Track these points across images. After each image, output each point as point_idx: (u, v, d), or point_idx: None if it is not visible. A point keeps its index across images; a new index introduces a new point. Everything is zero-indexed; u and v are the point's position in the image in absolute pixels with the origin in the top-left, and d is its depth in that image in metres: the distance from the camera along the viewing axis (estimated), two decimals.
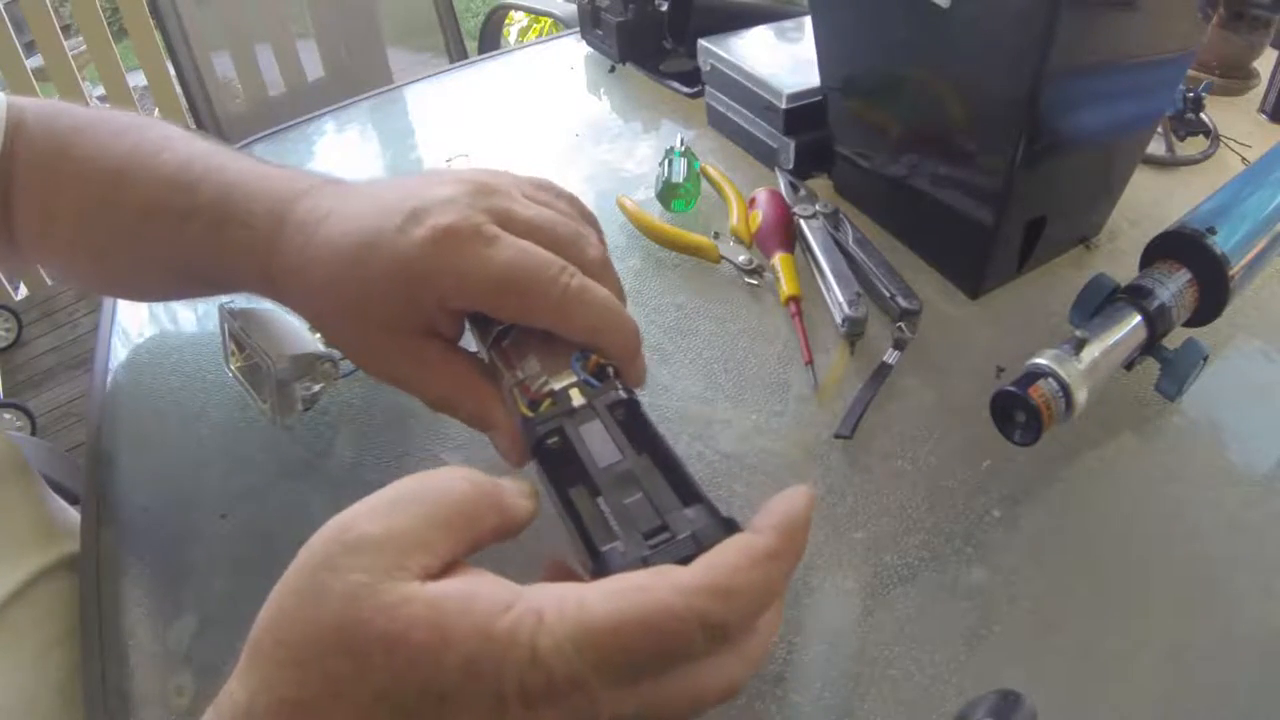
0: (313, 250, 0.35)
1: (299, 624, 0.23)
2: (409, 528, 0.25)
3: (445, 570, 0.25)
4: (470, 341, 0.39)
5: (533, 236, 0.34)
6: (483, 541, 0.27)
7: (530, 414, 0.33)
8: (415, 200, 0.34)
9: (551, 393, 0.34)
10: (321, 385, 0.48)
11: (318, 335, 0.47)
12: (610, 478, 0.31)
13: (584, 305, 0.33)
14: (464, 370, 0.36)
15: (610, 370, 0.35)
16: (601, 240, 0.40)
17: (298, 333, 0.47)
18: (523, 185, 0.38)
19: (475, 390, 0.35)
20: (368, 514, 0.25)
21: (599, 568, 0.28)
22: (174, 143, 0.41)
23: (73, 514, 0.54)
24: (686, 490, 0.30)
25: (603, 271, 0.36)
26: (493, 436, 0.36)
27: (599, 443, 0.32)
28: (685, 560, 0.26)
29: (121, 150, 0.40)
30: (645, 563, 0.27)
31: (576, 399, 0.34)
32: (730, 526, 0.28)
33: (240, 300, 0.48)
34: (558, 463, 0.33)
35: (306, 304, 0.38)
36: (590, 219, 0.40)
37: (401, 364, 0.36)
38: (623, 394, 0.34)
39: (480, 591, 0.23)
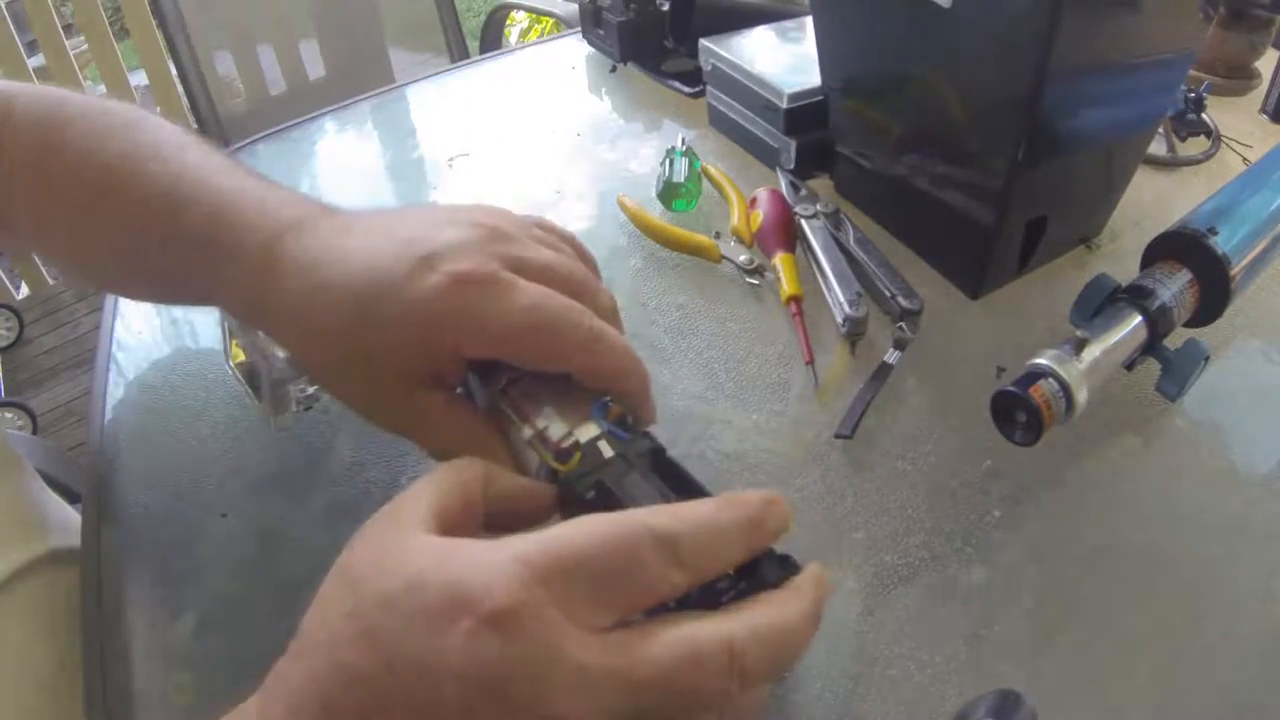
0: (312, 296, 0.33)
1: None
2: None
3: None
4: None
5: (548, 283, 0.33)
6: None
7: (561, 467, 0.33)
8: (425, 245, 0.32)
9: (578, 445, 0.33)
10: (317, 386, 0.48)
11: None
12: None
13: (608, 348, 0.33)
14: (469, 421, 0.34)
15: (629, 419, 0.35)
16: (594, 268, 0.39)
17: None
18: (529, 228, 0.37)
19: (481, 442, 0.34)
20: None
21: (654, 613, 0.28)
22: (164, 150, 0.39)
23: (64, 509, 0.54)
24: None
25: (613, 318, 0.36)
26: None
27: (641, 494, 0.32)
28: (739, 596, 0.26)
29: (111, 154, 0.38)
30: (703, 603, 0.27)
31: (606, 451, 0.34)
32: (786, 564, 0.29)
33: None
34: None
35: (306, 353, 0.35)
36: (591, 263, 0.40)
37: (408, 415, 0.34)
38: (651, 443, 0.34)
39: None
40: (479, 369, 0.37)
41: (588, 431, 0.35)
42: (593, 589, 0.22)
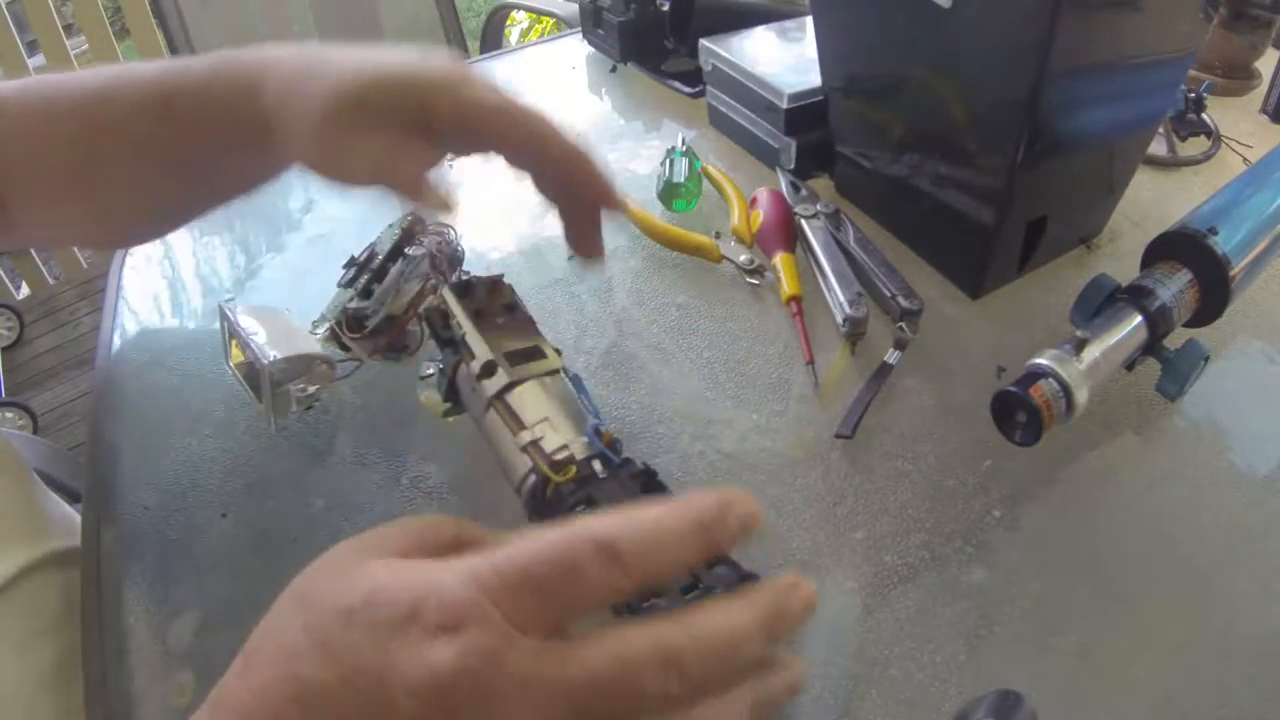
0: (311, 59, 0.38)
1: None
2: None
3: None
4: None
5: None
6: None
7: (556, 476, 0.36)
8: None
9: (574, 458, 0.37)
10: (318, 386, 0.48)
11: (316, 335, 0.47)
12: None
13: (539, 121, 0.39)
14: (399, 140, 0.37)
15: (619, 446, 0.38)
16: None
17: (296, 333, 0.47)
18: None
19: (412, 152, 0.37)
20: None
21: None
22: (135, 66, 0.42)
23: (65, 509, 0.54)
24: None
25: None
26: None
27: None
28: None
29: (105, 75, 0.42)
30: None
31: (599, 470, 0.37)
32: (755, 580, 0.31)
33: (241, 299, 0.48)
34: None
35: (287, 98, 0.38)
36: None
37: (341, 140, 0.36)
38: (640, 465, 0.38)
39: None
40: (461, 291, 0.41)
41: (582, 448, 0.37)
42: (538, 597, 0.23)
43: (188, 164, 0.43)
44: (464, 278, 0.44)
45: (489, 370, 0.40)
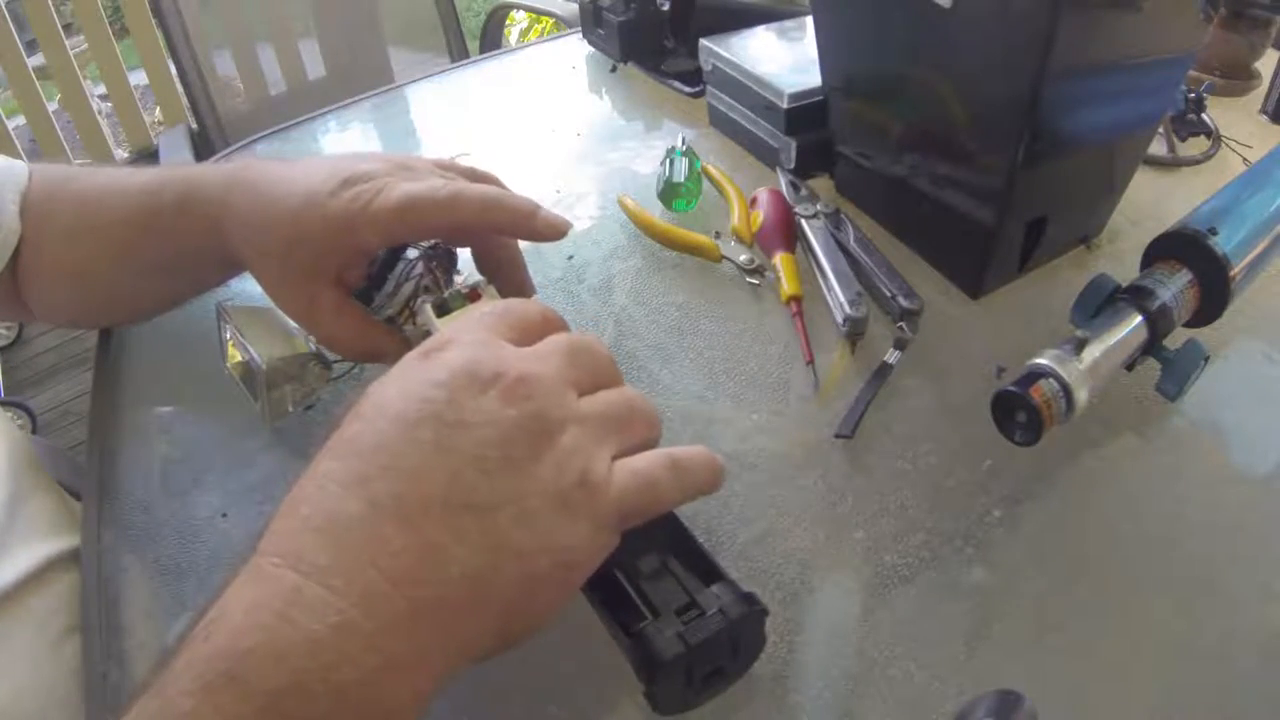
0: (261, 208, 0.43)
1: None
2: None
3: None
4: None
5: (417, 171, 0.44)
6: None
7: None
8: (347, 170, 0.42)
9: None
10: (313, 388, 0.48)
11: (313, 340, 0.47)
12: (636, 559, 0.33)
13: (467, 199, 0.42)
14: (354, 315, 0.44)
15: None
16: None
17: (292, 334, 0.47)
18: (432, 163, 0.46)
19: (362, 329, 0.43)
20: None
21: (635, 644, 0.31)
22: (145, 168, 0.49)
23: (79, 508, 0.54)
24: (707, 568, 0.33)
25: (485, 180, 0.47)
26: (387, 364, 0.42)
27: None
28: (718, 635, 0.30)
29: (100, 182, 0.49)
30: (682, 639, 0.30)
31: None
32: (751, 600, 0.32)
33: (238, 298, 0.48)
34: None
35: (245, 247, 0.44)
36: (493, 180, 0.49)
37: (307, 305, 0.43)
38: None
39: None
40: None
41: None
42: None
43: (167, 270, 0.49)
44: (444, 292, 0.44)
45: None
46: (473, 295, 0.43)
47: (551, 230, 0.43)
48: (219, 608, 0.25)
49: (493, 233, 0.45)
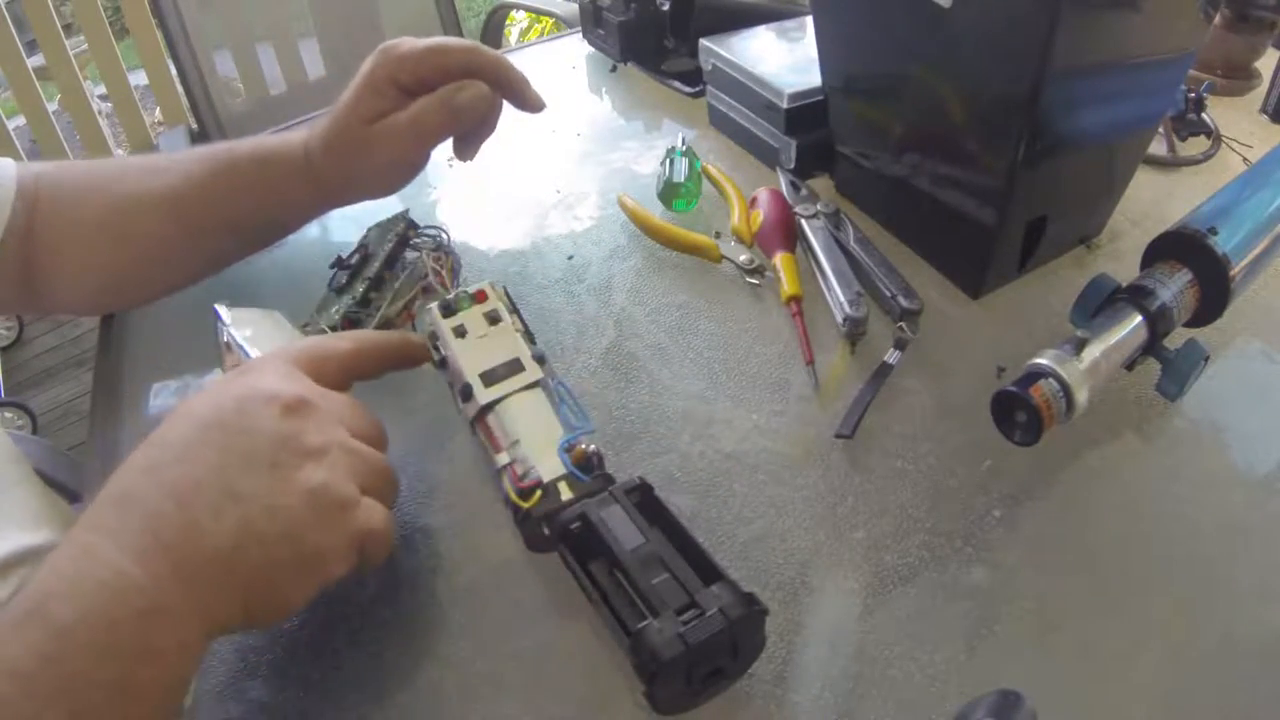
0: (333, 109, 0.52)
1: None
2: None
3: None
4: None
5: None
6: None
7: (522, 503, 0.37)
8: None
9: (540, 484, 0.37)
10: None
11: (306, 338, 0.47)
12: (636, 560, 0.34)
13: (483, 53, 0.50)
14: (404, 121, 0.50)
15: (595, 460, 0.39)
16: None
17: (289, 335, 0.47)
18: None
19: (421, 107, 0.49)
20: None
21: (635, 644, 0.31)
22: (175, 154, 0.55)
23: (64, 506, 0.54)
24: (708, 568, 0.34)
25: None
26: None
27: (621, 527, 0.35)
28: (717, 635, 0.31)
29: (141, 158, 0.54)
30: (682, 639, 0.30)
31: (565, 493, 0.37)
32: (751, 601, 0.32)
33: (235, 301, 0.48)
34: (580, 546, 0.36)
35: (325, 141, 0.51)
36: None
37: (376, 122, 0.50)
38: (638, 479, 0.38)
39: None
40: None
41: (551, 470, 0.38)
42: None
43: (231, 227, 0.54)
44: (452, 291, 0.45)
45: (466, 394, 0.40)
46: (479, 296, 0.43)
47: (538, 103, 0.52)
48: (40, 570, 0.30)
49: (495, 85, 0.51)
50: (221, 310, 0.47)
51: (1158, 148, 0.67)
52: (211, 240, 0.54)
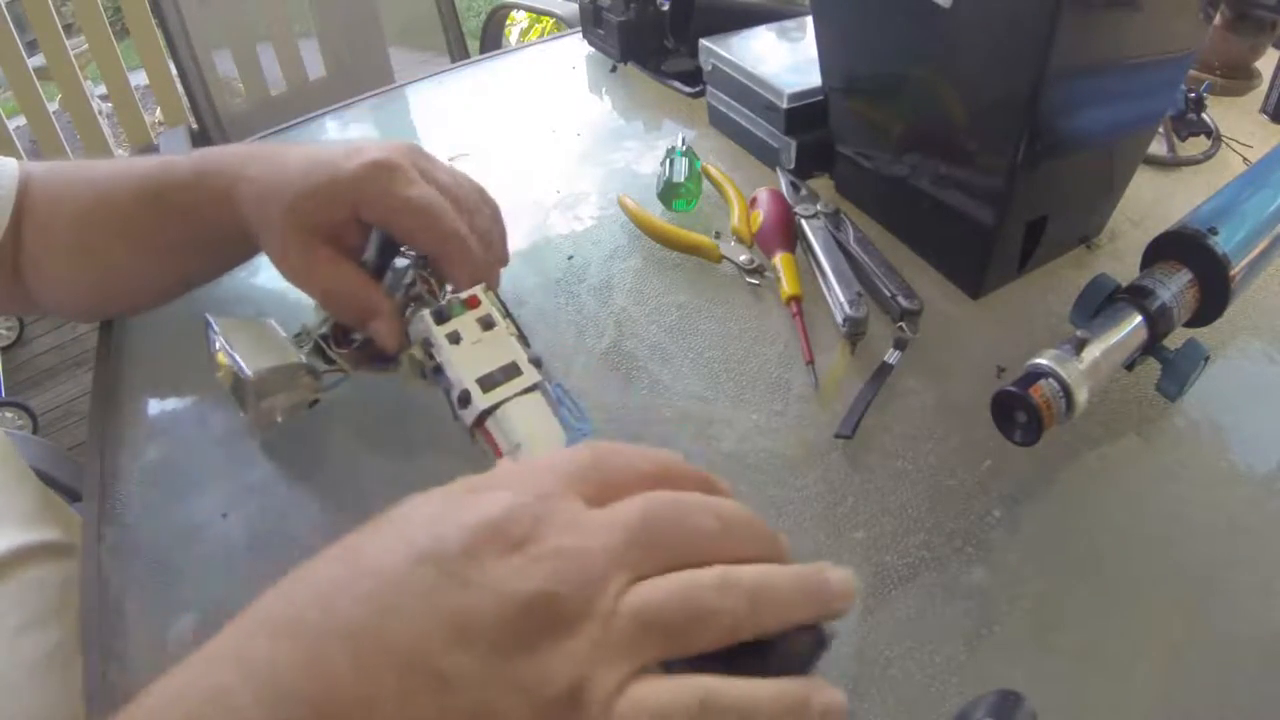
0: (274, 171, 0.45)
1: None
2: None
3: None
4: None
5: (443, 193, 0.44)
6: None
7: None
8: (358, 145, 0.44)
9: None
10: (303, 399, 0.48)
11: (303, 351, 0.46)
12: None
13: (463, 248, 0.43)
14: (351, 270, 0.44)
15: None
16: (497, 218, 0.50)
17: (281, 345, 0.46)
18: (444, 164, 0.48)
19: (359, 284, 0.44)
20: None
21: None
22: (137, 160, 0.51)
23: (62, 505, 0.54)
24: None
25: (493, 227, 0.49)
26: (374, 327, 0.44)
27: None
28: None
29: (111, 167, 0.51)
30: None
31: None
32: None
33: (228, 309, 0.48)
34: None
35: (254, 209, 0.45)
36: (492, 205, 0.50)
37: (304, 261, 0.44)
38: None
39: None
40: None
41: None
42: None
43: (178, 249, 0.51)
44: (440, 300, 0.44)
45: (464, 400, 0.40)
46: (471, 301, 0.42)
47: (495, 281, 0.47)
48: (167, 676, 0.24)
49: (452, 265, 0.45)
50: (213, 320, 0.47)
51: (1158, 148, 0.67)
52: (166, 260, 0.51)
